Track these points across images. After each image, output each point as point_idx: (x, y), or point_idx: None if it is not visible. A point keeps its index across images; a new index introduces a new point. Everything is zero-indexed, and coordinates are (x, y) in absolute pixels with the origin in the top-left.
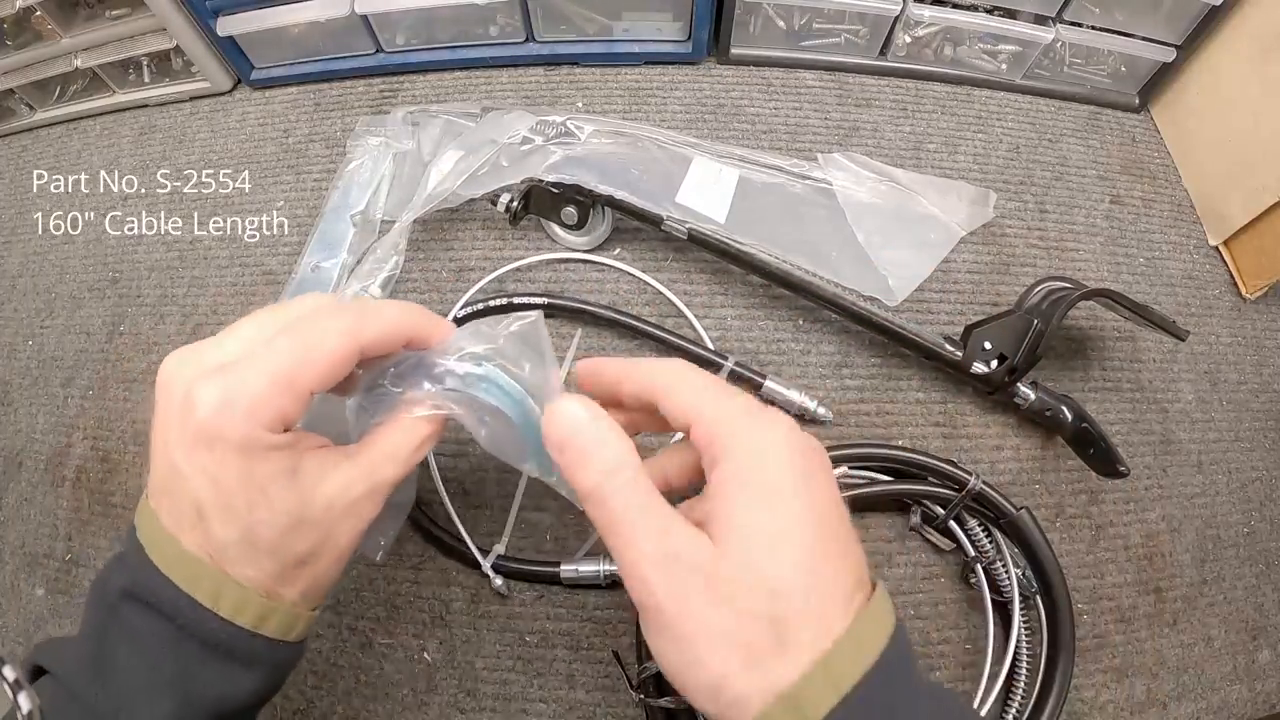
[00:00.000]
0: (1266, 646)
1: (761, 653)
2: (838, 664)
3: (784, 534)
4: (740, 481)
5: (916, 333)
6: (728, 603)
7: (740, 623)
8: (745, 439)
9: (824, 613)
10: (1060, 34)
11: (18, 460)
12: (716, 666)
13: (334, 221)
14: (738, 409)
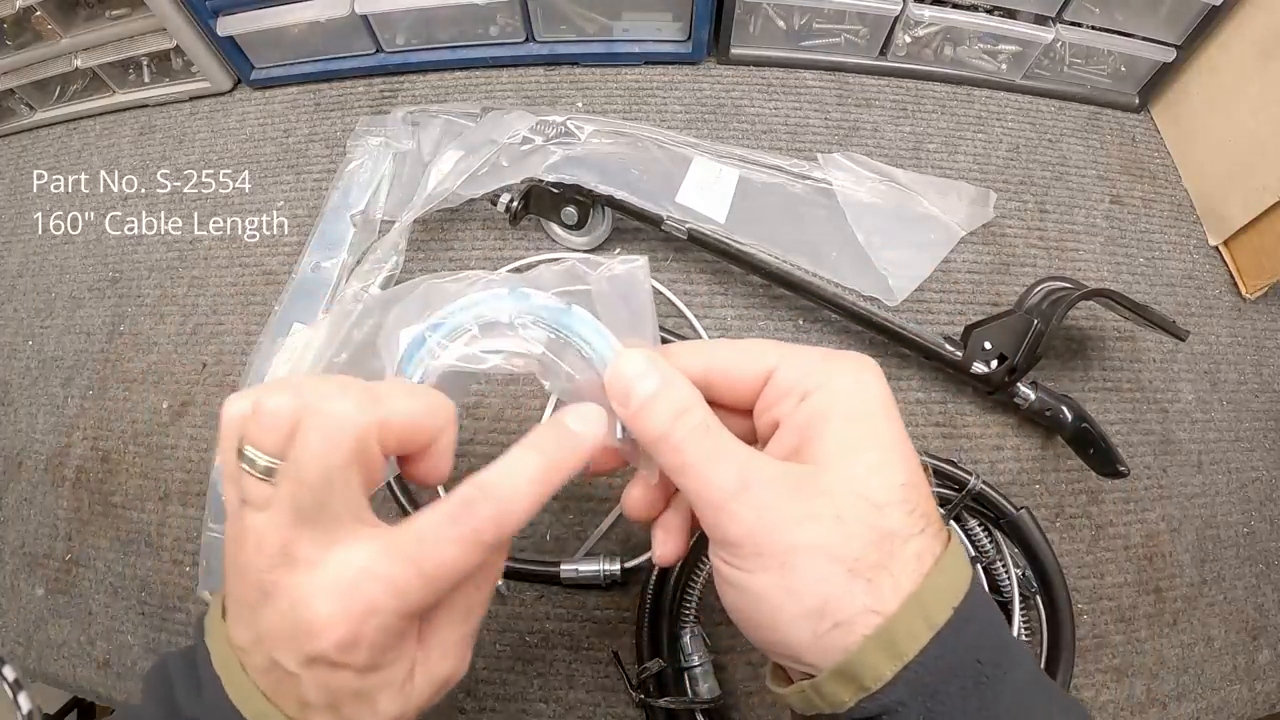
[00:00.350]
0: (1266, 646)
1: (869, 567)
2: (931, 598)
3: (886, 453)
4: (836, 407)
5: (916, 333)
6: (831, 517)
7: (846, 535)
8: (838, 371)
9: (926, 532)
10: (1060, 34)
11: (18, 460)
12: (820, 587)
13: (334, 221)
14: (818, 351)
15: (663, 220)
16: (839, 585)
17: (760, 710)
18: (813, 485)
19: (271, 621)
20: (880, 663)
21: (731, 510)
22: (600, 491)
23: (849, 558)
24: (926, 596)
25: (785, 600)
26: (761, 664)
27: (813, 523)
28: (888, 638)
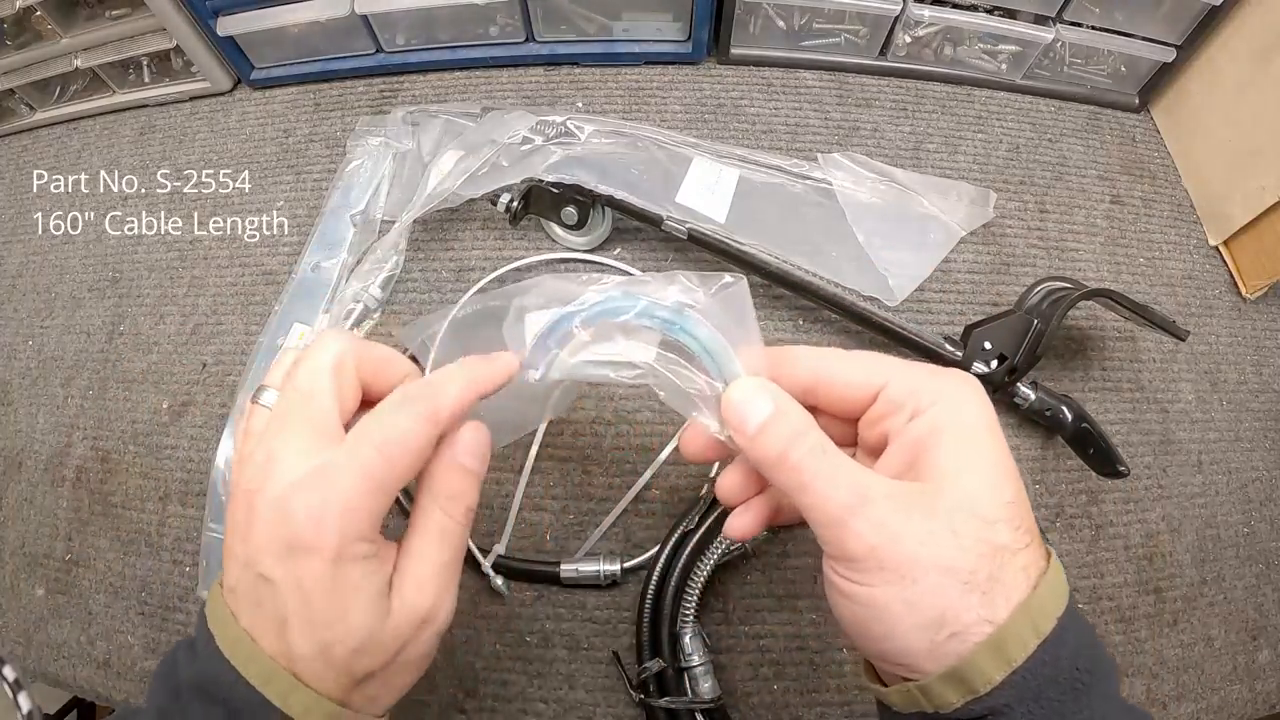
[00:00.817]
0: (1266, 646)
1: (983, 580)
2: (1037, 605)
3: (993, 470)
4: (948, 425)
5: (916, 333)
6: (947, 532)
7: (962, 550)
8: (948, 390)
9: (1029, 548)
10: (1060, 34)
11: (18, 460)
12: (938, 599)
13: (334, 221)
14: (925, 368)
15: (663, 220)
16: (956, 597)
17: (760, 710)
18: (929, 502)
19: (255, 529)
20: (990, 668)
21: (852, 527)
22: (600, 492)
23: (965, 571)
24: (1034, 607)
25: (905, 612)
26: (761, 664)
27: (931, 539)
28: (998, 645)
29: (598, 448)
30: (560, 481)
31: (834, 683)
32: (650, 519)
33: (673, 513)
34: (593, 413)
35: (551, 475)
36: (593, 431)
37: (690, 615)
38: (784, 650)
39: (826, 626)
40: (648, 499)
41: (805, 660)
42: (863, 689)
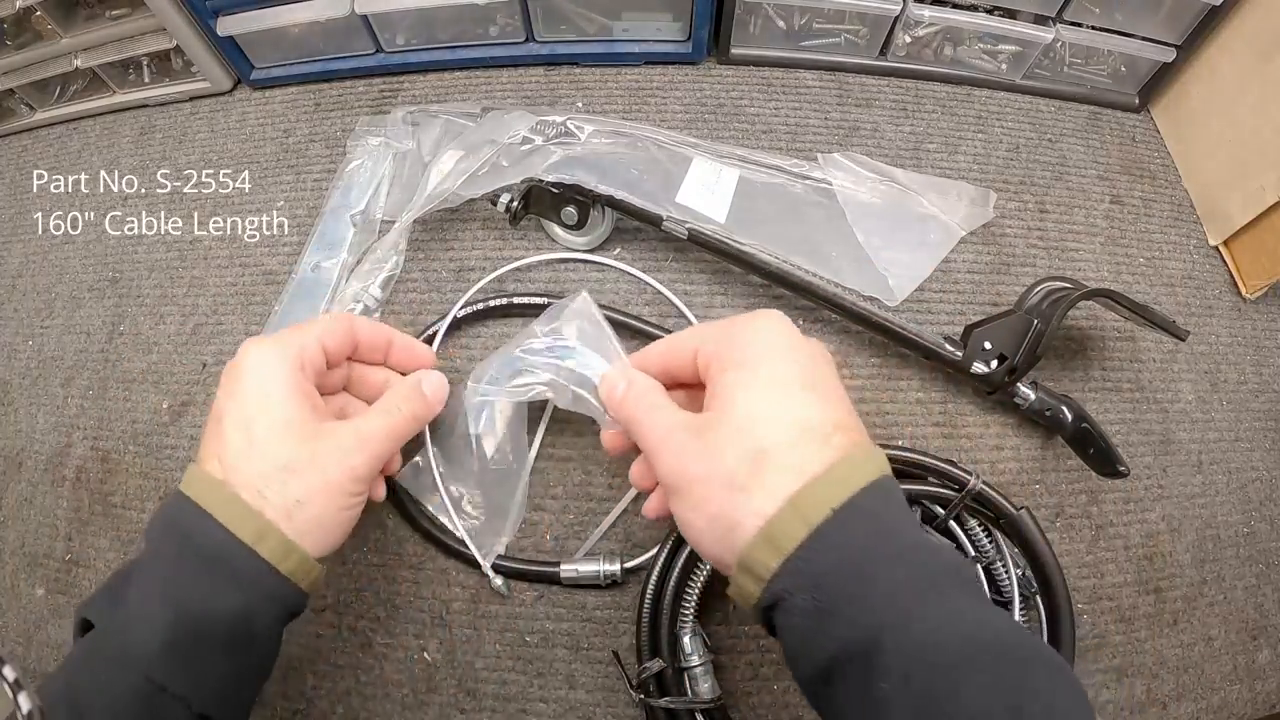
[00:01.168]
0: (1266, 646)
1: (746, 483)
2: (807, 500)
3: (769, 387)
4: (729, 361)
5: (916, 333)
6: (716, 451)
7: (726, 464)
8: (736, 333)
9: (799, 454)
10: (1060, 34)
11: (18, 460)
12: (709, 504)
13: (334, 221)
14: (727, 322)
15: (663, 220)
16: (724, 498)
17: (760, 710)
18: (708, 426)
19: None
20: (766, 556)
21: (660, 456)
22: (600, 492)
23: (726, 475)
24: (804, 500)
25: (694, 518)
26: (761, 664)
27: (703, 454)
28: (769, 535)
29: (598, 447)
30: (560, 481)
31: None
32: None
33: None
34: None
35: (551, 475)
36: (593, 431)
37: (690, 615)
38: (784, 650)
39: None
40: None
41: None
42: None
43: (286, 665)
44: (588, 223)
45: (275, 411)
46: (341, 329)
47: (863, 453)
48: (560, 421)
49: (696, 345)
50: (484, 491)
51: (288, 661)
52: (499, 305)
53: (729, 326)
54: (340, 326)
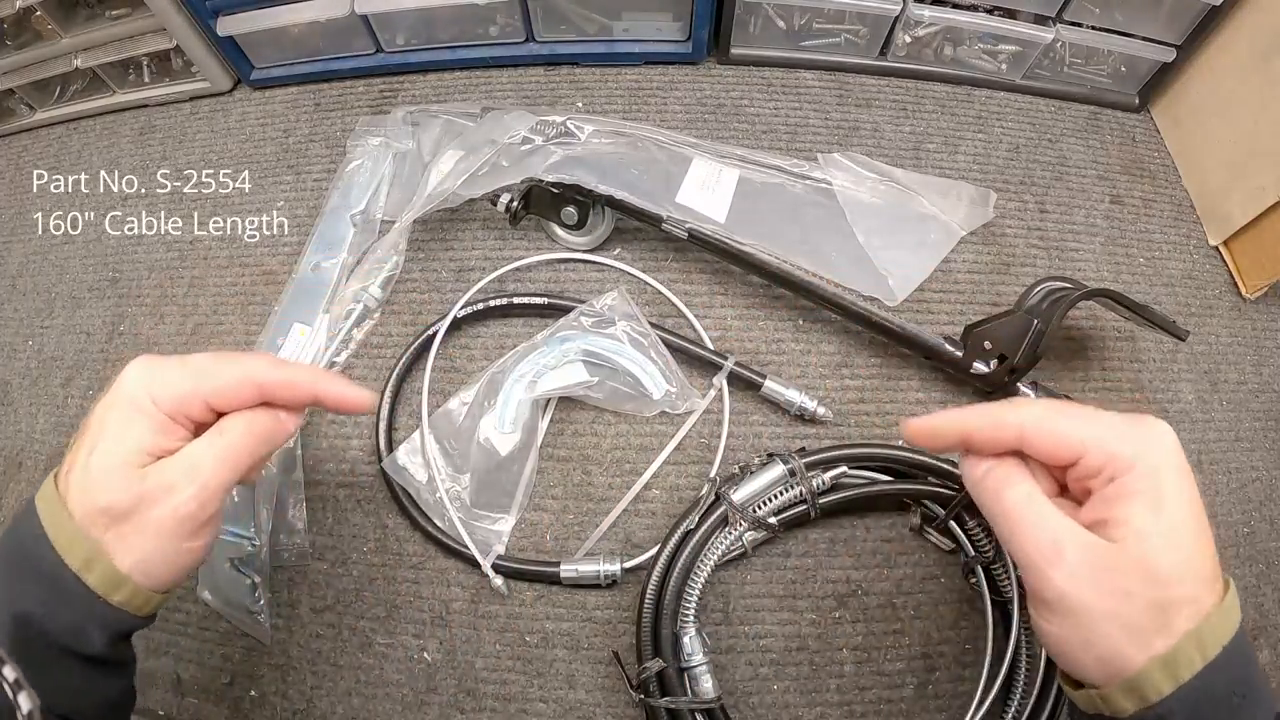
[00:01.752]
0: (1266, 646)
1: (1147, 631)
2: (1207, 634)
3: (1175, 532)
4: (1138, 492)
5: (916, 333)
6: (1123, 592)
7: (1132, 608)
8: (1141, 453)
9: (1198, 596)
10: (1060, 34)
11: (18, 460)
12: (1109, 644)
13: (334, 221)
14: (1122, 429)
15: (663, 220)
16: (1123, 643)
17: (760, 710)
18: (1112, 561)
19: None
20: (1161, 681)
21: (1048, 575)
22: (600, 492)
23: (1133, 624)
24: (1204, 634)
25: (1082, 649)
26: (761, 664)
27: (1108, 596)
28: (1169, 662)
29: (598, 448)
30: (560, 481)
31: (834, 683)
32: (650, 519)
33: (673, 513)
34: (593, 413)
35: (551, 475)
36: (593, 431)
37: (691, 615)
38: (784, 650)
39: (826, 627)
40: (648, 499)
41: (805, 660)
42: (863, 689)
43: (287, 665)
44: (588, 223)
45: (113, 447)
46: (237, 394)
47: (1231, 590)
48: (560, 421)
49: (1083, 449)
50: (485, 487)
51: (288, 661)
52: (499, 305)
53: (1129, 444)
54: (239, 393)
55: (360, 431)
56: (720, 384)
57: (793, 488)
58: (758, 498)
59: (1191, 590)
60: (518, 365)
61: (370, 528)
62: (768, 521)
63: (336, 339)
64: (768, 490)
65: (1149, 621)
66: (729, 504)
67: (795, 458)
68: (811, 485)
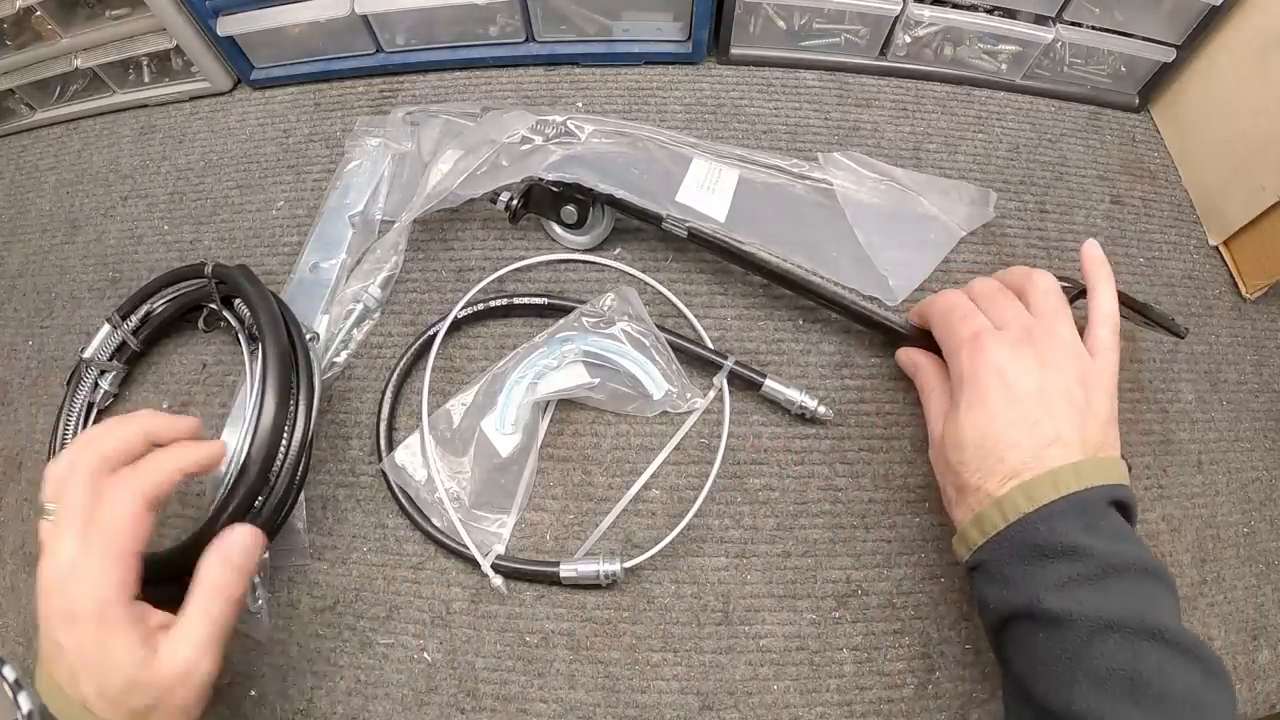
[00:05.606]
0: (1266, 646)
1: (953, 504)
2: (984, 516)
3: (956, 436)
4: (953, 395)
5: (916, 331)
6: (939, 474)
7: (945, 485)
8: (953, 365)
9: (980, 486)
10: (1060, 34)
11: (18, 460)
12: (947, 506)
13: (332, 222)
14: (954, 337)
15: (663, 219)
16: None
17: (760, 710)
18: (934, 452)
19: (50, 608)
20: (959, 545)
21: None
22: (600, 492)
23: (948, 497)
24: (982, 517)
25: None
26: (761, 664)
27: (938, 474)
28: (962, 532)
29: (598, 448)
30: (560, 481)
31: (834, 683)
32: (650, 519)
33: (673, 513)
34: (593, 413)
35: (551, 475)
36: (593, 431)
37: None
38: (784, 650)
39: (826, 627)
40: (648, 499)
41: (805, 660)
42: (863, 689)
43: (287, 665)
44: (587, 222)
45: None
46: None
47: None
48: (560, 421)
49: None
50: (485, 487)
51: (288, 661)
52: (499, 306)
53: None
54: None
55: (360, 431)
56: (720, 384)
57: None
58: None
59: (974, 480)
60: (518, 366)
61: (370, 528)
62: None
63: (336, 339)
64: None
65: (954, 496)
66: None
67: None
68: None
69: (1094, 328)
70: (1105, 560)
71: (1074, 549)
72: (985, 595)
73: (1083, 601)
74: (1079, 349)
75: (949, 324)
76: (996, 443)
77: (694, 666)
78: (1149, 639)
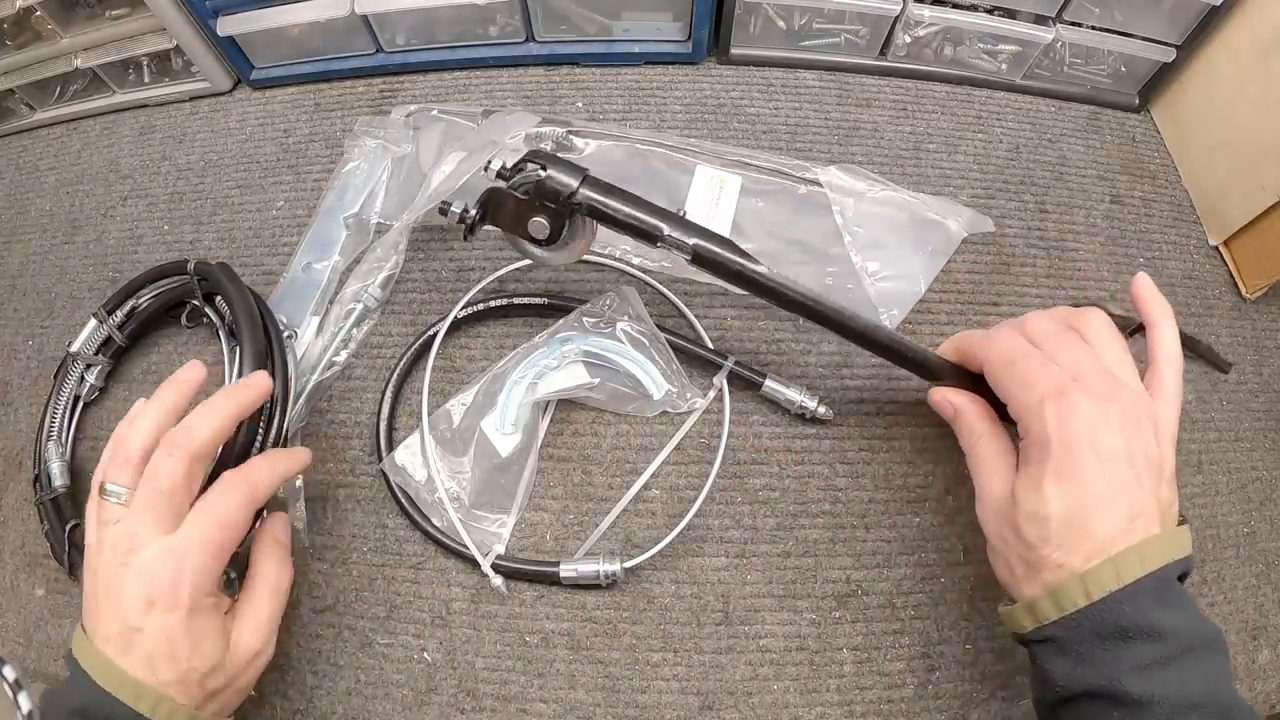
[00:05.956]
0: (1266, 646)
1: (1019, 578)
2: (1063, 593)
3: (1038, 507)
4: (1028, 459)
5: (926, 357)
6: (1005, 540)
7: (1011, 554)
8: (1031, 426)
9: (1064, 562)
10: (1060, 34)
11: (18, 460)
12: (1003, 575)
13: (328, 222)
14: (1033, 392)
15: (660, 237)
16: (1007, 578)
17: (760, 710)
18: (1004, 514)
19: (125, 593)
20: (1024, 619)
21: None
22: (600, 492)
23: (1012, 568)
24: (1060, 593)
25: (994, 568)
26: (761, 664)
27: (999, 539)
28: (1031, 607)
29: (598, 448)
30: (560, 481)
31: (834, 683)
32: (650, 519)
33: (673, 513)
34: (593, 413)
35: (551, 475)
36: (593, 431)
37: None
38: (784, 650)
39: (826, 627)
40: (648, 499)
41: (805, 660)
42: (863, 689)
43: (286, 665)
44: (562, 235)
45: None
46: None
47: (1103, 562)
48: (560, 421)
49: (1007, 398)
50: (485, 487)
51: (288, 661)
52: (499, 306)
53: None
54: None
55: (360, 431)
56: (720, 384)
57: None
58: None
59: (1055, 556)
60: (518, 366)
61: (370, 528)
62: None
63: (336, 339)
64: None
65: (1021, 570)
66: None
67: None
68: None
69: (1159, 370)
70: (1183, 641)
71: (1156, 631)
72: (1052, 671)
73: (1164, 684)
74: (1147, 398)
75: (1020, 374)
76: (1090, 513)
77: (694, 666)
78: (1221, 718)
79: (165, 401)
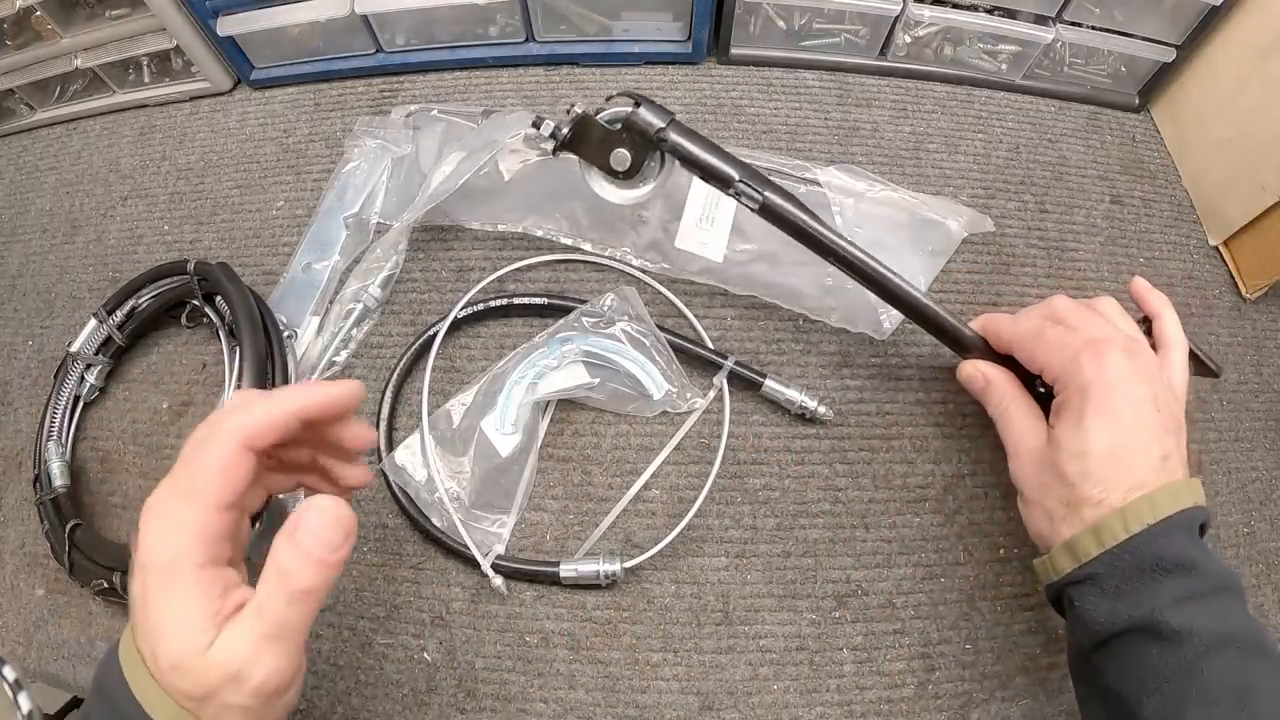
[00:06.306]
0: None
1: (1058, 520)
2: (1104, 528)
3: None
4: (1066, 405)
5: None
6: (1044, 486)
7: (1049, 499)
8: (1072, 375)
9: (1103, 499)
10: (1060, 34)
11: (18, 460)
12: (1039, 525)
13: (327, 222)
14: (1070, 350)
15: (734, 180)
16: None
17: (760, 710)
18: (1042, 461)
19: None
20: (1062, 559)
21: (1010, 464)
22: (600, 492)
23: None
24: (1101, 528)
25: (1029, 523)
26: (760, 664)
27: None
28: (1071, 546)
29: (598, 448)
30: (560, 481)
31: (834, 683)
32: (650, 519)
33: (673, 513)
34: (593, 413)
35: (551, 475)
36: (593, 431)
37: None
38: (784, 650)
39: (826, 627)
40: (648, 499)
41: (805, 660)
42: (863, 689)
43: None
44: (640, 172)
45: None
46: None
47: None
48: (560, 421)
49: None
50: (485, 487)
51: None
52: (499, 306)
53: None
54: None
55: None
56: (720, 384)
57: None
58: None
59: (1095, 493)
60: (518, 366)
61: (370, 528)
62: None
63: (336, 339)
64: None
65: (1061, 512)
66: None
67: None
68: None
69: (1168, 352)
70: (1215, 577)
71: (1191, 564)
72: (1092, 610)
73: (1200, 617)
74: (1161, 366)
75: (1052, 339)
76: (1128, 450)
77: (694, 666)
78: (1258, 655)
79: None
